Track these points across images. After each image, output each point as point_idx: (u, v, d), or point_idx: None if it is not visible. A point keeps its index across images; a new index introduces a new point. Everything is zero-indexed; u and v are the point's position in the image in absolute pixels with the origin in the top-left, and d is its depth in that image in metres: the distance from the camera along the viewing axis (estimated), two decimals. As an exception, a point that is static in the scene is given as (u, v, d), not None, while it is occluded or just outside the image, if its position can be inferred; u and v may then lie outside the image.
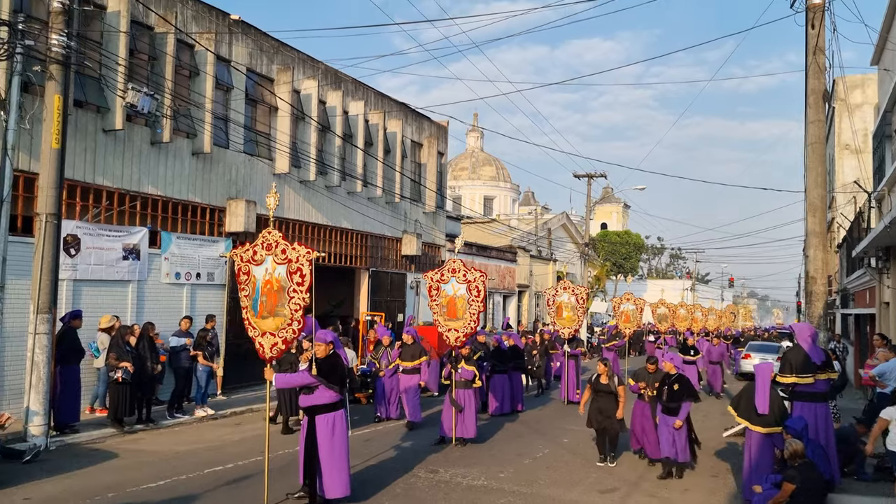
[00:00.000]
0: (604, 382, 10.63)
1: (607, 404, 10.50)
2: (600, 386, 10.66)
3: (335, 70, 20.73)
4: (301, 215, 19.14)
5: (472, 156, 66.55)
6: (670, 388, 10.03)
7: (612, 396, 10.53)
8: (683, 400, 9.91)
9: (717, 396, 19.31)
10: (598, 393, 10.68)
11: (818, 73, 12.13)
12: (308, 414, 8.04)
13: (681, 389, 9.95)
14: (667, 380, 10.19)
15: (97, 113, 13.49)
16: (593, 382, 10.75)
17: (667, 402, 10.02)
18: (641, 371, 11.06)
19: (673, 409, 9.92)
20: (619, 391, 10.54)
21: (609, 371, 10.68)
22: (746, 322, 56.17)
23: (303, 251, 7.75)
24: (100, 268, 13.48)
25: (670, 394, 10.01)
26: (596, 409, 10.62)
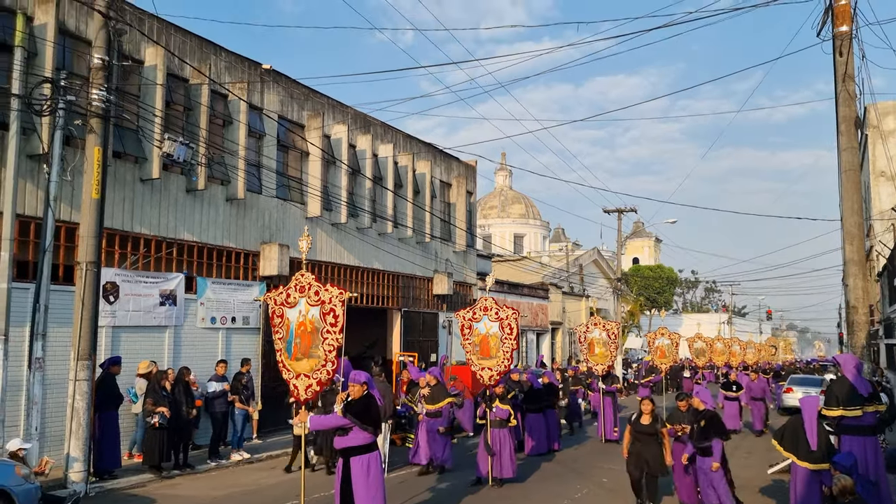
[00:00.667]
0: (645, 423, 9.90)
1: (649, 447, 9.78)
2: (641, 427, 9.93)
3: (364, 114, 21.11)
4: (333, 257, 19.32)
5: (501, 194, 66.79)
6: (699, 426, 9.47)
7: (654, 438, 9.84)
8: (712, 438, 9.27)
9: (759, 434, 18.54)
10: (639, 434, 9.93)
11: (848, 101, 12.02)
12: (343, 456, 8.01)
13: (707, 426, 9.37)
14: (696, 417, 9.63)
15: (135, 163, 13.88)
16: (633, 423, 10.03)
17: (697, 441, 9.43)
18: (675, 412, 10.40)
19: (704, 449, 9.36)
20: (663, 433, 9.89)
21: (653, 410, 10.00)
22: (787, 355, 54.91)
23: (335, 292, 7.83)
24: (138, 314, 13.72)
25: (699, 432, 9.44)
26: (636, 452, 9.88)
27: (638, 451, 9.82)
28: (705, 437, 9.32)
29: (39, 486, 8.98)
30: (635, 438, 9.93)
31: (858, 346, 11.71)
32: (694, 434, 9.44)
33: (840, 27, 12.03)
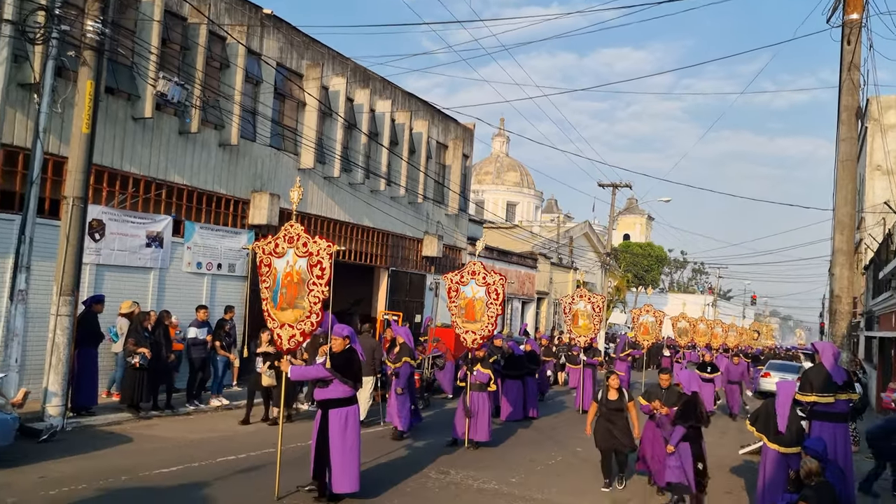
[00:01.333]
0: (612, 399, 9.74)
1: (616, 422, 9.62)
2: (608, 403, 9.75)
3: (364, 68, 20.81)
4: (324, 211, 19.21)
5: (497, 160, 66.50)
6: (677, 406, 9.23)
7: (622, 414, 9.68)
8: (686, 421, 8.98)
9: (734, 417, 18.39)
10: (606, 410, 9.73)
11: (852, 90, 11.94)
12: (322, 407, 8.07)
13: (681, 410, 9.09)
14: (678, 398, 9.37)
15: (127, 100, 13.64)
16: (600, 399, 9.84)
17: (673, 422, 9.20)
18: (654, 388, 10.00)
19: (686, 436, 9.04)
20: (630, 408, 9.71)
21: (619, 386, 9.83)
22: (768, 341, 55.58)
23: (324, 244, 7.79)
24: (123, 254, 13.62)
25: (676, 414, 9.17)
26: (603, 427, 9.68)
27: (606, 428, 9.63)
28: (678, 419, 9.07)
29: (17, 418, 9.00)
30: (602, 415, 9.72)
31: (839, 335, 11.81)
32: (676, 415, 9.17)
33: (850, 14, 11.90)
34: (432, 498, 8.55)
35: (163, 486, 8.11)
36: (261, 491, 8.13)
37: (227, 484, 8.42)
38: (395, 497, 8.42)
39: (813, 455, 7.72)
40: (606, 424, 9.62)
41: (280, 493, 7.99)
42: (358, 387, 8.29)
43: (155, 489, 7.99)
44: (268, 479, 8.35)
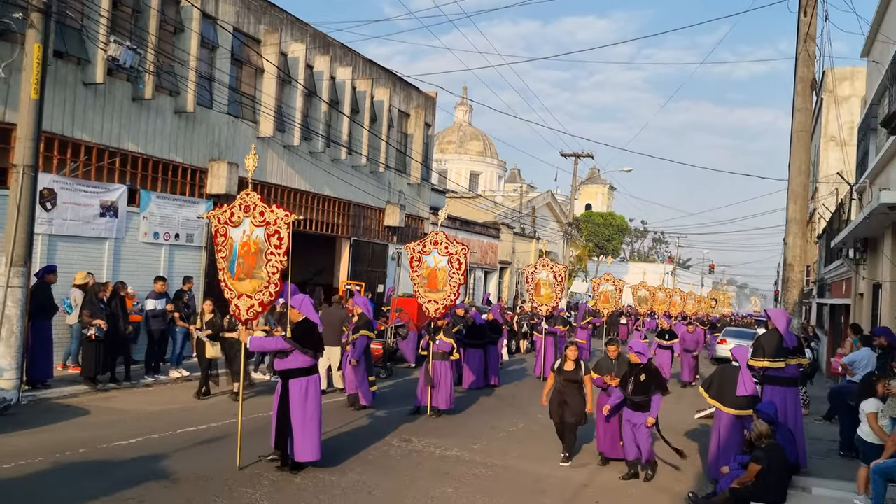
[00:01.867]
0: (568, 370, 9.37)
1: (572, 394, 9.29)
2: (564, 374, 9.39)
3: (324, 34, 20.42)
4: (283, 180, 18.95)
5: (460, 129, 66.24)
6: (636, 380, 8.78)
7: (577, 386, 9.34)
8: (652, 393, 8.69)
9: (685, 385, 18.29)
10: (562, 381, 9.39)
11: (808, 62, 12.11)
12: (282, 377, 8.06)
13: (648, 381, 8.72)
14: (632, 371, 8.95)
15: (77, 65, 13.19)
16: (557, 369, 9.50)
17: (632, 395, 8.77)
18: (602, 360, 9.84)
19: (640, 403, 8.71)
20: (585, 381, 9.38)
21: (577, 357, 9.49)
22: (725, 308, 56.88)
23: (281, 213, 7.69)
24: (76, 223, 13.28)
25: (637, 386, 8.76)
26: (559, 400, 9.34)
27: (561, 399, 9.33)
28: (644, 392, 8.71)
29: (-34, 392, 8.79)
30: (558, 385, 9.43)
31: (791, 302, 12.13)
32: (629, 388, 8.81)
33: (808, -15, 12.00)
34: (395, 466, 8.62)
35: (122, 459, 8.02)
36: (222, 462, 8.10)
37: (188, 455, 8.37)
38: (358, 465, 8.46)
39: (764, 418, 7.97)
40: (561, 396, 9.35)
41: (242, 462, 7.97)
42: (318, 356, 8.29)
43: (113, 461, 7.90)
44: (229, 449, 8.32)
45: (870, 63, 17.47)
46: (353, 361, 11.87)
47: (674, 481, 8.81)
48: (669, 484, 8.66)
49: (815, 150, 28.39)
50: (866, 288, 15.82)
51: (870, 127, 16.23)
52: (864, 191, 17.36)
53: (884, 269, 13.30)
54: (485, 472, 8.60)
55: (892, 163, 13.57)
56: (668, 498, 8.12)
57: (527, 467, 9.01)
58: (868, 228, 13.22)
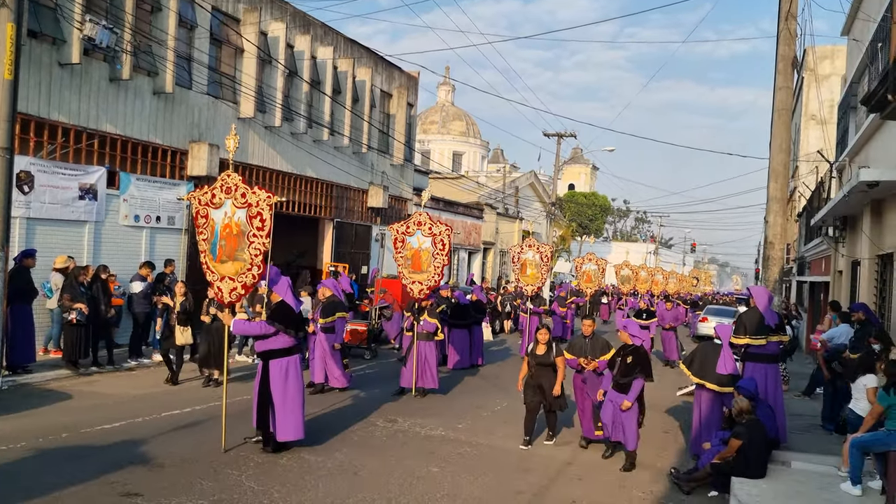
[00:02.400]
0: (540, 353, 9.12)
1: (546, 378, 9.04)
2: (537, 357, 9.15)
3: (304, 13, 20.17)
4: (265, 161, 18.78)
5: (443, 109, 65.93)
6: (623, 361, 8.59)
7: (550, 369, 9.08)
8: (635, 376, 8.45)
9: (671, 365, 17.75)
10: (535, 366, 9.15)
11: (789, 40, 12.15)
12: (263, 359, 8.07)
13: (634, 363, 8.50)
14: (621, 351, 8.76)
15: (53, 45, 12.94)
16: (530, 353, 9.27)
17: (619, 377, 8.58)
18: (577, 338, 9.58)
19: (624, 385, 8.49)
20: (557, 363, 9.06)
21: (549, 339, 9.19)
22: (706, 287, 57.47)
23: (263, 195, 7.62)
24: (55, 207, 13.10)
25: (623, 367, 8.58)
26: (532, 384, 9.14)
27: (536, 384, 9.11)
28: (629, 373, 8.49)
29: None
30: (531, 370, 9.18)
31: (772, 279, 12.25)
32: (616, 368, 8.66)
33: (790, -37, 12.00)
34: (380, 446, 8.65)
35: (105, 443, 7.98)
36: (207, 444, 8.09)
37: (173, 438, 8.35)
38: (343, 446, 8.49)
39: (745, 394, 8.08)
40: (535, 380, 9.12)
41: (227, 445, 7.97)
42: (300, 335, 8.36)
43: (97, 446, 7.86)
44: (214, 432, 8.32)
45: (850, 41, 17.54)
46: (337, 345, 11.80)
47: (656, 458, 8.92)
48: (652, 460, 8.77)
49: (796, 128, 28.57)
50: (845, 265, 16.01)
51: (850, 105, 16.34)
52: (843, 169, 17.52)
53: (862, 247, 13.45)
54: (470, 452, 8.67)
55: (871, 141, 13.68)
56: (650, 474, 8.22)
57: (511, 446, 9.08)
58: (847, 206, 13.35)
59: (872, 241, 12.54)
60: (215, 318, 11.19)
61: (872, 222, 12.65)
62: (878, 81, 9.02)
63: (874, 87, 9.20)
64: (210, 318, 11.50)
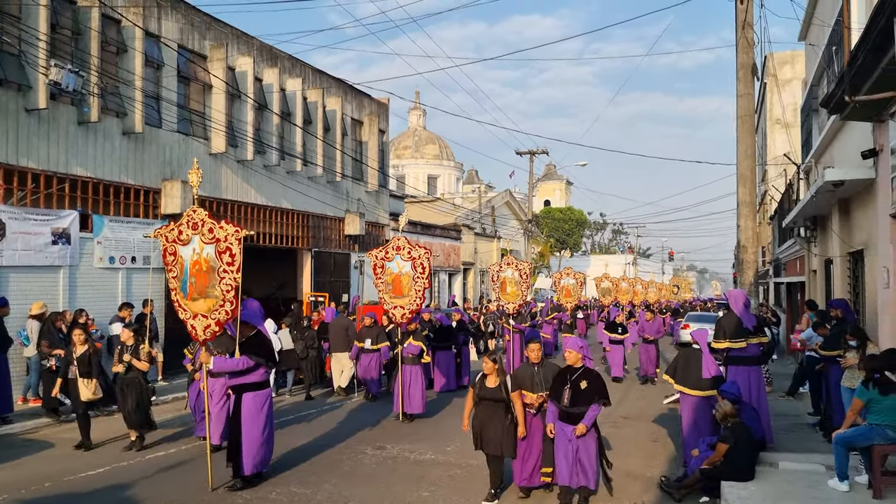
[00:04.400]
0: (491, 386, 7.48)
1: (496, 416, 7.40)
2: (485, 391, 7.50)
3: (270, 46, 20.28)
4: (239, 196, 18.75)
5: (415, 134, 66.27)
6: (574, 388, 7.07)
7: (503, 407, 7.41)
8: (592, 402, 7.03)
9: (652, 381, 16.41)
10: (483, 401, 7.52)
11: (747, 48, 12.44)
12: (236, 392, 8.06)
13: (590, 388, 7.06)
14: (569, 375, 7.19)
15: (18, 91, 12.89)
16: (477, 386, 7.62)
17: (568, 406, 7.05)
18: (523, 367, 7.78)
19: (576, 415, 7.01)
20: (514, 399, 7.41)
21: (500, 369, 7.59)
22: (686, 294, 57.88)
23: (231, 230, 7.55)
24: (28, 253, 12.96)
25: (573, 395, 7.05)
26: (480, 423, 7.49)
27: (482, 423, 7.45)
28: (583, 401, 7.03)
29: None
30: (479, 406, 7.55)
31: (747, 283, 12.42)
32: (564, 398, 7.08)
33: (743, -27, 12.32)
34: (369, 474, 8.59)
35: (90, 489, 7.85)
36: (193, 484, 8.00)
37: (159, 480, 8.23)
38: (332, 477, 8.42)
39: (728, 398, 8.16)
40: (484, 420, 7.47)
41: (214, 483, 7.88)
42: (271, 366, 8.42)
43: (82, 493, 7.73)
44: (200, 471, 8.21)
45: (807, 46, 17.98)
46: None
47: (645, 467, 8.94)
48: (641, 470, 8.79)
49: (762, 133, 29.10)
50: (819, 264, 16.26)
51: (811, 108, 16.70)
52: (810, 170, 17.86)
53: (834, 246, 13.69)
54: (460, 473, 8.63)
55: (834, 142, 13.98)
56: (641, 483, 8.24)
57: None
58: (816, 207, 13.60)
59: (843, 240, 12.77)
60: (130, 368, 9.58)
61: (841, 221, 12.89)
62: (836, 84, 9.26)
63: (832, 89, 9.44)
64: (124, 366, 9.61)
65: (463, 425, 7.78)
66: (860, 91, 8.34)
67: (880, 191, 9.73)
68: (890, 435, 6.93)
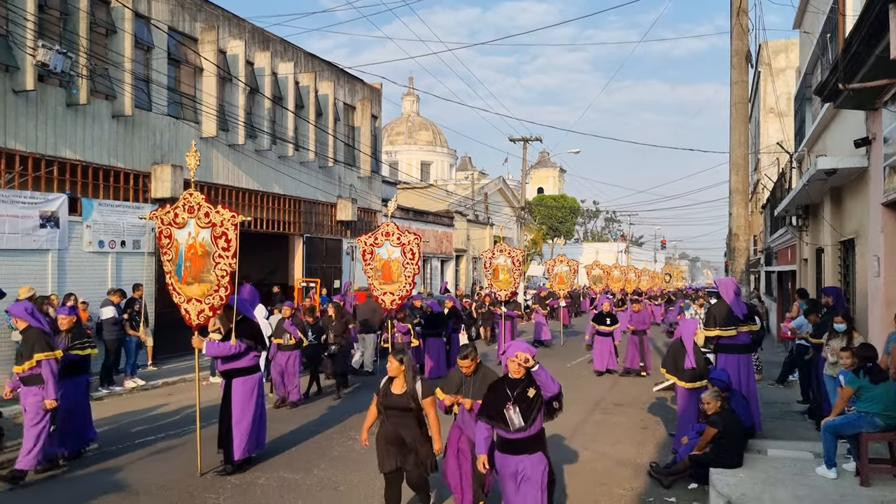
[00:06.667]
0: (397, 392, 6.03)
1: (406, 429, 6.01)
2: (391, 398, 6.04)
3: (262, 29, 20.08)
4: (230, 180, 18.62)
5: (409, 120, 66.03)
6: (521, 400, 5.23)
7: (413, 416, 6.03)
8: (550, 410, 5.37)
9: (626, 372, 15.61)
10: (388, 410, 6.05)
11: (742, 35, 12.38)
12: (226, 377, 8.08)
13: (537, 397, 5.23)
14: (509, 388, 5.32)
15: (6, 72, 12.71)
16: (381, 392, 6.11)
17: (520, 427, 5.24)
18: (454, 373, 6.50)
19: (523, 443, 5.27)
20: (425, 406, 6.03)
21: (408, 370, 6.10)
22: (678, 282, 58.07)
23: (227, 215, 7.52)
24: (15, 236, 12.83)
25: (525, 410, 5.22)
26: (385, 436, 6.08)
27: (392, 437, 6.03)
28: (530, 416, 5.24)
29: None
30: (384, 416, 6.10)
31: (738, 270, 12.43)
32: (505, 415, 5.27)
33: (739, -40, 12.24)
34: (359, 459, 8.56)
35: (78, 474, 7.82)
36: (182, 469, 7.97)
37: (147, 465, 8.20)
38: (322, 462, 8.41)
39: (719, 386, 8.18)
40: (391, 433, 6.04)
41: (203, 468, 7.85)
42: (261, 349, 8.45)
43: (69, 477, 7.70)
44: (189, 457, 8.19)
45: (802, 34, 17.93)
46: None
47: (635, 454, 8.97)
48: (632, 456, 8.81)
49: (755, 122, 29.10)
50: (810, 253, 16.29)
51: (805, 97, 16.68)
52: (802, 159, 17.86)
53: (825, 234, 13.71)
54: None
55: (827, 130, 13.97)
56: (630, 470, 8.26)
57: (491, 451, 9.04)
58: (808, 195, 13.60)
59: (834, 228, 12.79)
60: None
61: (833, 210, 12.90)
62: (830, 71, 9.22)
63: (826, 77, 9.41)
64: None
65: (361, 439, 6.42)
66: (854, 79, 8.31)
67: (872, 179, 9.73)
68: (878, 423, 6.96)
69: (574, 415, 10.98)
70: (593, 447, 9.24)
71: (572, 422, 10.67)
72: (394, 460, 6.04)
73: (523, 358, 5.24)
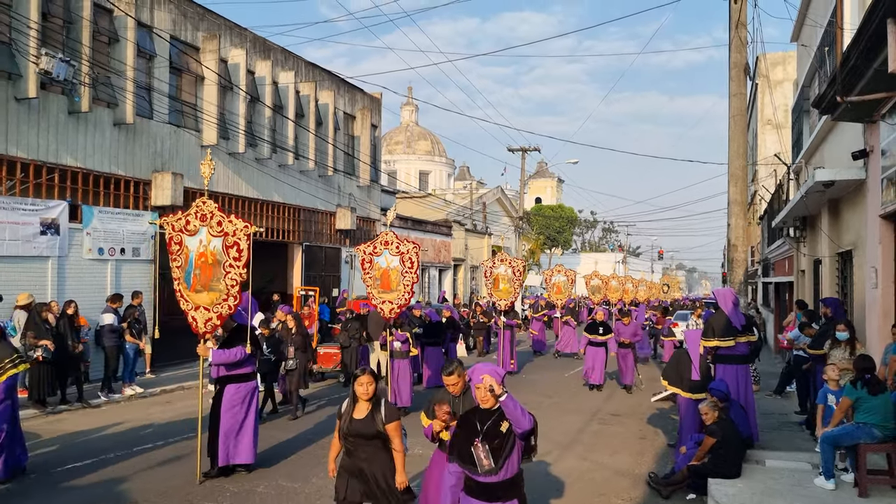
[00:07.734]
0: (359, 417, 5.23)
1: (370, 461, 5.25)
2: (353, 424, 5.23)
3: (263, 39, 20.19)
4: (231, 188, 18.67)
5: (408, 130, 66.18)
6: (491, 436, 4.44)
7: (378, 445, 5.25)
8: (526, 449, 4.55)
9: (628, 389, 14.85)
10: (350, 438, 5.24)
11: (740, 47, 12.48)
12: (221, 384, 8.08)
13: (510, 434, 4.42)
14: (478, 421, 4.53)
15: (8, 80, 12.77)
16: (343, 417, 5.30)
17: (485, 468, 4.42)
18: (441, 392, 5.60)
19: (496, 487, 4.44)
20: (391, 432, 5.22)
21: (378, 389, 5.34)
22: (675, 293, 58.13)
23: (240, 225, 7.55)
24: (15, 243, 12.86)
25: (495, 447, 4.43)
26: (349, 468, 5.32)
27: (356, 468, 5.28)
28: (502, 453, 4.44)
29: None
30: (347, 445, 5.31)
31: (737, 281, 12.48)
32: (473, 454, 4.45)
33: (737, -27, 12.35)
34: (358, 468, 8.57)
35: (76, 482, 7.81)
36: (181, 477, 7.96)
37: (146, 473, 8.19)
38: (321, 470, 8.37)
39: (718, 396, 8.20)
40: (355, 463, 5.29)
41: (202, 477, 7.84)
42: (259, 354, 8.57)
43: (67, 486, 7.68)
44: (188, 465, 8.18)
45: (799, 47, 18.05)
46: None
47: (634, 464, 8.98)
48: (630, 466, 8.83)
49: (753, 133, 29.23)
50: (807, 264, 16.35)
51: (802, 109, 16.77)
52: (800, 171, 17.94)
53: (822, 246, 13.76)
54: (449, 468, 8.61)
55: (825, 142, 14.05)
56: (629, 480, 8.27)
57: (490, 460, 9.04)
58: (806, 207, 13.66)
59: (832, 240, 12.84)
60: None
61: (830, 221, 12.96)
62: (827, 84, 9.30)
63: (824, 89, 9.49)
64: None
65: (329, 470, 5.63)
66: (852, 92, 8.38)
67: (870, 191, 9.79)
68: (876, 434, 6.98)
69: (572, 425, 11.00)
70: (591, 457, 9.25)
71: (570, 432, 10.69)
72: (357, 495, 5.23)
73: (488, 384, 4.40)
